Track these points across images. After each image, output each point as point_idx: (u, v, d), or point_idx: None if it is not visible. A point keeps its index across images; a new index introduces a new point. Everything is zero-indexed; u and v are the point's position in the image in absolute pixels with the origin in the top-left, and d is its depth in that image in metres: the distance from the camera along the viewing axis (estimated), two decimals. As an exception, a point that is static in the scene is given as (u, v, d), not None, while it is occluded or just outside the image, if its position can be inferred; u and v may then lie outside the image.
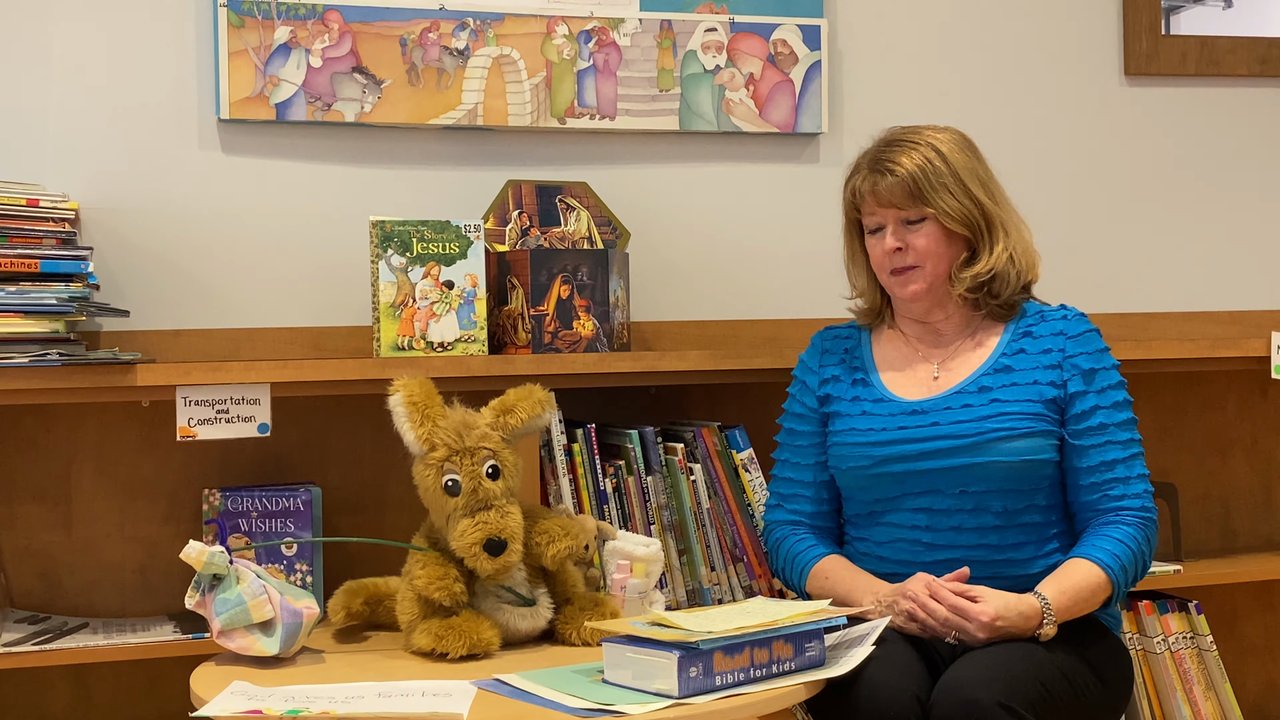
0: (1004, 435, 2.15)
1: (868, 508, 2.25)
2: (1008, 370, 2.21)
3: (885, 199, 2.21)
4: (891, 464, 2.19)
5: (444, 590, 2.02)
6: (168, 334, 2.52)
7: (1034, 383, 2.19)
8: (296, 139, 2.60)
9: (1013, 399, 2.18)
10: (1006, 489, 2.16)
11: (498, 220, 2.62)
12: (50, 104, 2.49)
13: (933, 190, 2.18)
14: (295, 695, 1.80)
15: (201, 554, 1.98)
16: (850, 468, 2.24)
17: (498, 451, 2.08)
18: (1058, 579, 2.11)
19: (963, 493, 2.16)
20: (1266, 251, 3.11)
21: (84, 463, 2.49)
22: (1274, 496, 3.09)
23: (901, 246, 2.21)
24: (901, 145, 2.22)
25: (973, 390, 2.21)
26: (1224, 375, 3.03)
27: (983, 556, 2.14)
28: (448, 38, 2.63)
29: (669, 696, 1.77)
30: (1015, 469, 2.15)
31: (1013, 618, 2.04)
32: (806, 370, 2.36)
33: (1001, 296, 2.24)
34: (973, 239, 2.22)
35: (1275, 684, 3.06)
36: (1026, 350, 2.23)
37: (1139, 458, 2.20)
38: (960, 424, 2.17)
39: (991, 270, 2.21)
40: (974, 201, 2.21)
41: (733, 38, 2.78)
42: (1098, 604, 2.13)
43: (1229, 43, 3.07)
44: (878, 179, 2.21)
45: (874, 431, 2.22)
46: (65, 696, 2.47)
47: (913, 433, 2.19)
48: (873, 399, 2.26)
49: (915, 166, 2.19)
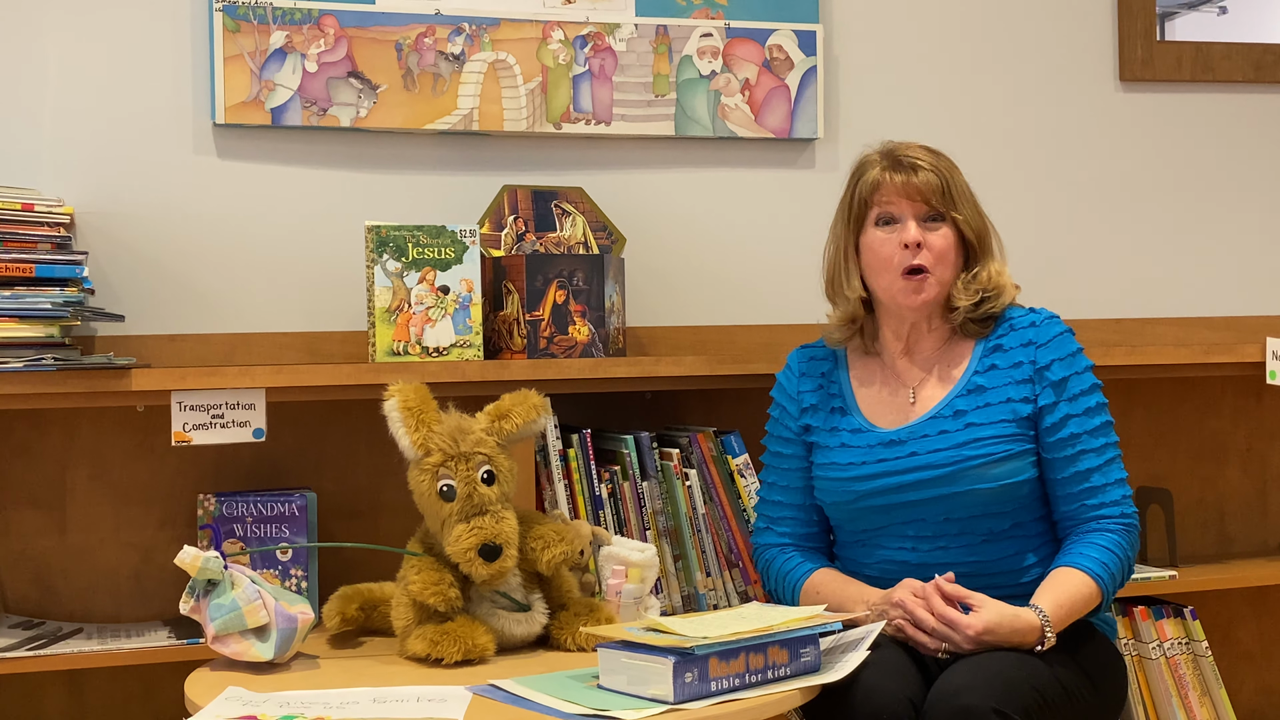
0: (981, 462, 2.15)
1: (855, 536, 2.25)
2: (980, 390, 2.19)
3: (916, 191, 2.18)
4: (873, 498, 2.19)
5: (439, 595, 2.02)
6: (163, 339, 2.52)
7: (1007, 400, 2.18)
8: (292, 144, 2.60)
9: (987, 421, 2.17)
10: (989, 512, 2.16)
11: (493, 225, 2.62)
12: (45, 108, 2.49)
13: (958, 191, 2.20)
14: (290, 701, 1.80)
15: (196, 559, 1.98)
16: (834, 502, 2.24)
17: (493, 457, 2.08)
18: (1052, 590, 2.10)
19: (947, 520, 2.17)
20: (1261, 257, 3.11)
21: (79, 468, 2.48)
22: (1269, 502, 3.09)
23: (920, 241, 2.18)
24: (916, 150, 2.22)
25: (948, 415, 2.19)
26: (1219, 381, 3.04)
27: (973, 571, 2.13)
28: (443, 43, 2.63)
29: (664, 702, 1.77)
30: (995, 494, 2.15)
31: (1005, 633, 2.02)
32: (785, 395, 2.34)
33: (980, 311, 2.21)
34: (974, 254, 2.22)
35: (1270, 689, 3.07)
36: (998, 365, 2.20)
37: (1115, 462, 2.19)
38: (937, 453, 2.16)
39: (994, 288, 2.20)
40: (980, 217, 2.23)
41: (728, 43, 2.78)
42: (1086, 612, 2.13)
43: (1224, 49, 3.07)
44: (908, 175, 2.19)
45: (854, 466, 2.21)
46: (59, 702, 2.46)
47: (891, 465, 2.18)
48: (850, 429, 2.24)
49: (942, 168, 2.20)
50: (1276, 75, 3.10)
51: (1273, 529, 3.09)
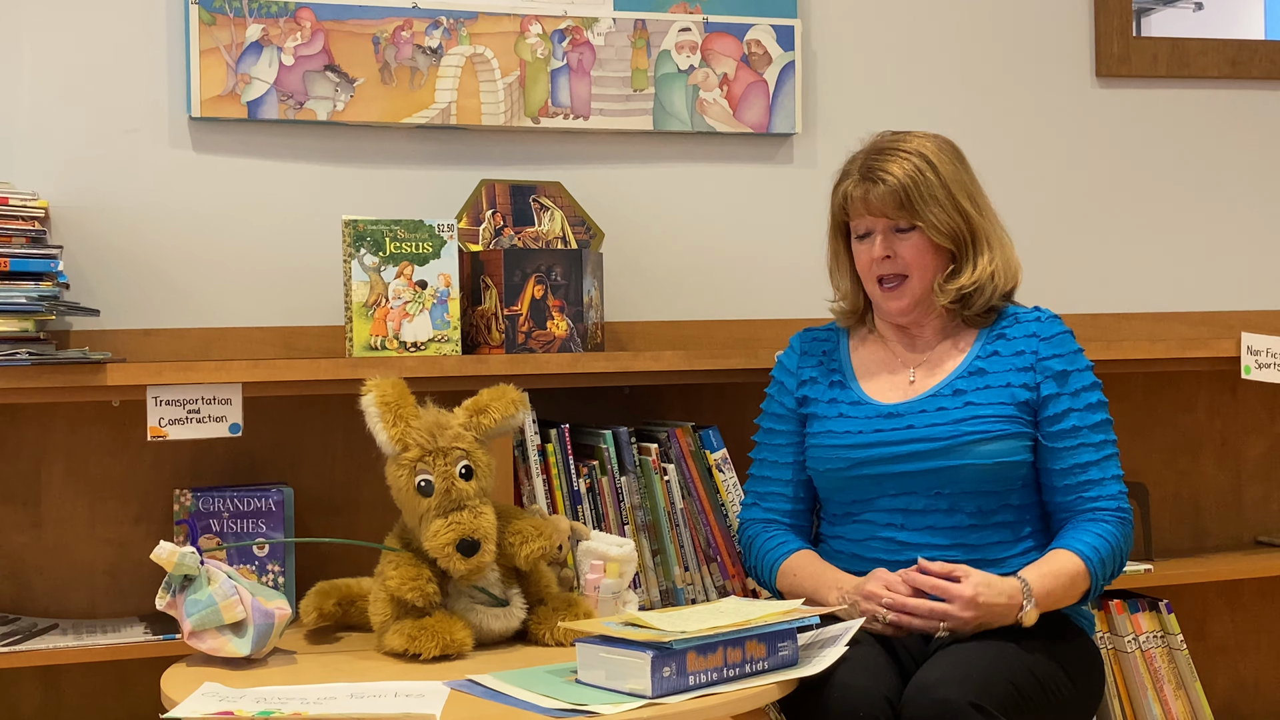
0: (977, 438, 2.17)
1: (844, 508, 2.26)
2: (981, 373, 2.23)
3: (876, 207, 2.22)
4: (867, 466, 2.20)
5: (417, 591, 2.02)
6: (138, 333, 2.50)
7: (1007, 385, 2.21)
8: (268, 137, 2.59)
9: (986, 401, 2.20)
10: (981, 490, 2.17)
11: (471, 220, 2.61)
12: (20, 101, 2.48)
13: (922, 202, 2.20)
14: (267, 696, 1.80)
15: (172, 555, 1.97)
16: (827, 469, 2.25)
17: (471, 452, 2.08)
18: (1038, 565, 2.13)
19: (937, 494, 2.18)
20: (1237, 252, 3.13)
21: (54, 463, 2.47)
22: (1244, 496, 3.11)
23: (890, 255, 2.22)
24: (893, 154, 2.23)
25: (947, 394, 2.22)
26: (1194, 376, 3.05)
27: (957, 556, 2.15)
28: (421, 36, 2.63)
29: (642, 696, 1.77)
30: (989, 471, 2.16)
31: (993, 595, 2.05)
32: (784, 371, 2.37)
33: (974, 307, 2.25)
34: (957, 252, 2.24)
35: (1244, 682, 3.08)
36: (1000, 353, 2.24)
37: (1114, 459, 2.22)
38: (935, 427, 2.19)
39: (975, 284, 2.23)
40: (961, 215, 2.22)
41: (706, 38, 2.78)
42: (1076, 595, 2.14)
43: (1200, 45, 3.09)
44: (869, 187, 2.22)
45: (850, 434, 2.23)
46: (35, 698, 2.45)
47: (888, 435, 2.20)
48: (849, 401, 2.27)
49: (906, 177, 2.20)
50: (1252, 71, 3.12)
51: (1247, 523, 3.11)
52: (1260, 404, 3.10)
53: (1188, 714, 2.73)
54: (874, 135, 2.30)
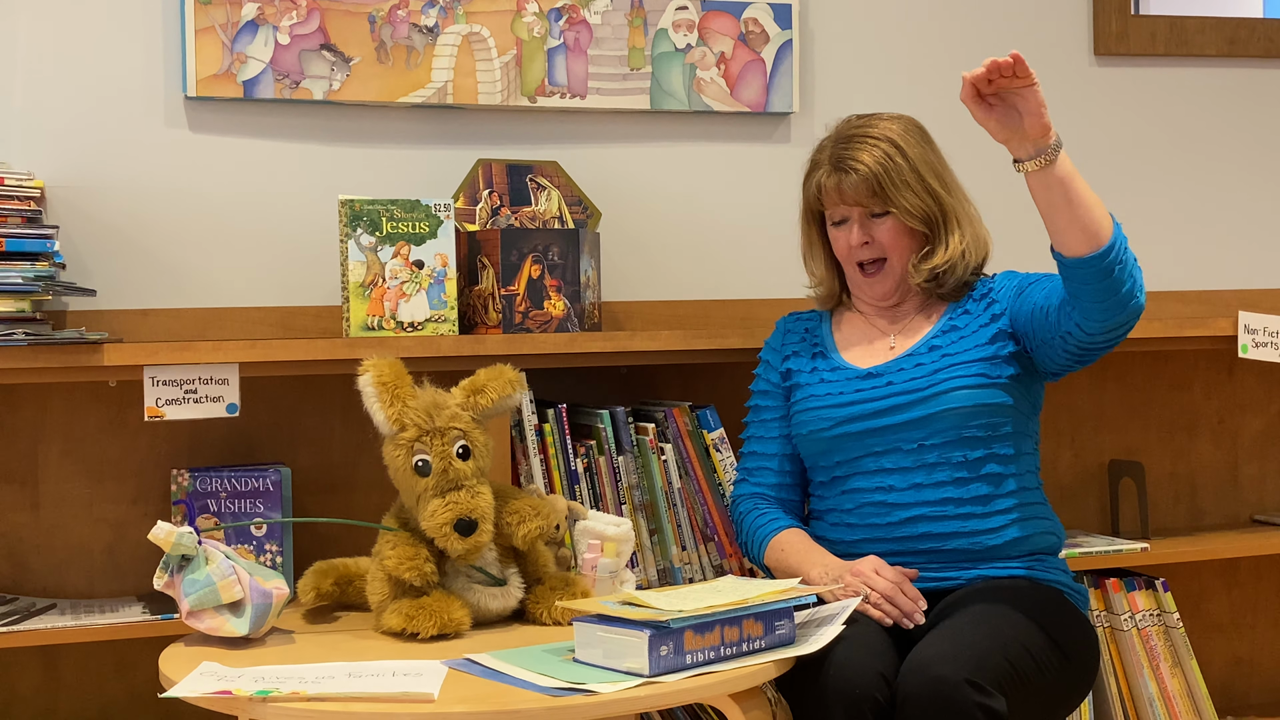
0: (955, 385, 2.21)
1: (830, 474, 2.28)
2: (954, 330, 2.28)
3: (850, 196, 2.26)
4: (850, 424, 2.24)
5: (414, 570, 2.02)
6: (135, 313, 2.50)
7: (981, 328, 2.26)
8: (264, 117, 2.58)
9: (961, 349, 2.25)
10: (964, 438, 2.20)
11: (468, 199, 2.61)
12: (15, 81, 2.47)
13: (894, 188, 2.24)
14: (265, 676, 1.80)
15: (170, 534, 1.98)
16: (811, 432, 2.28)
17: (468, 432, 2.08)
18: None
19: (921, 446, 2.20)
20: (1234, 231, 3.13)
21: (51, 443, 2.47)
22: (1240, 475, 3.11)
23: (868, 240, 2.28)
24: (861, 141, 2.26)
25: (924, 351, 2.27)
26: (1191, 354, 3.05)
27: (944, 512, 2.19)
28: (417, 15, 2.62)
29: (640, 675, 1.78)
30: (968, 414, 2.20)
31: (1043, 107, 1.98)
32: (770, 350, 2.42)
33: (946, 286, 2.29)
34: (930, 233, 2.28)
35: (1240, 661, 3.09)
36: (970, 311, 2.29)
37: None
38: (913, 380, 2.24)
39: (948, 262, 2.27)
40: (932, 196, 2.26)
41: (704, 16, 2.77)
42: (1096, 227, 2.02)
43: (1198, 23, 3.08)
44: (841, 177, 2.26)
45: (831, 396, 2.28)
46: (34, 677, 2.46)
47: (868, 394, 2.25)
48: (830, 368, 2.32)
49: (877, 164, 2.23)
50: (1250, 50, 3.11)
51: (1244, 502, 3.11)
52: (1257, 383, 3.10)
53: (1183, 692, 2.74)
54: (839, 120, 2.33)
